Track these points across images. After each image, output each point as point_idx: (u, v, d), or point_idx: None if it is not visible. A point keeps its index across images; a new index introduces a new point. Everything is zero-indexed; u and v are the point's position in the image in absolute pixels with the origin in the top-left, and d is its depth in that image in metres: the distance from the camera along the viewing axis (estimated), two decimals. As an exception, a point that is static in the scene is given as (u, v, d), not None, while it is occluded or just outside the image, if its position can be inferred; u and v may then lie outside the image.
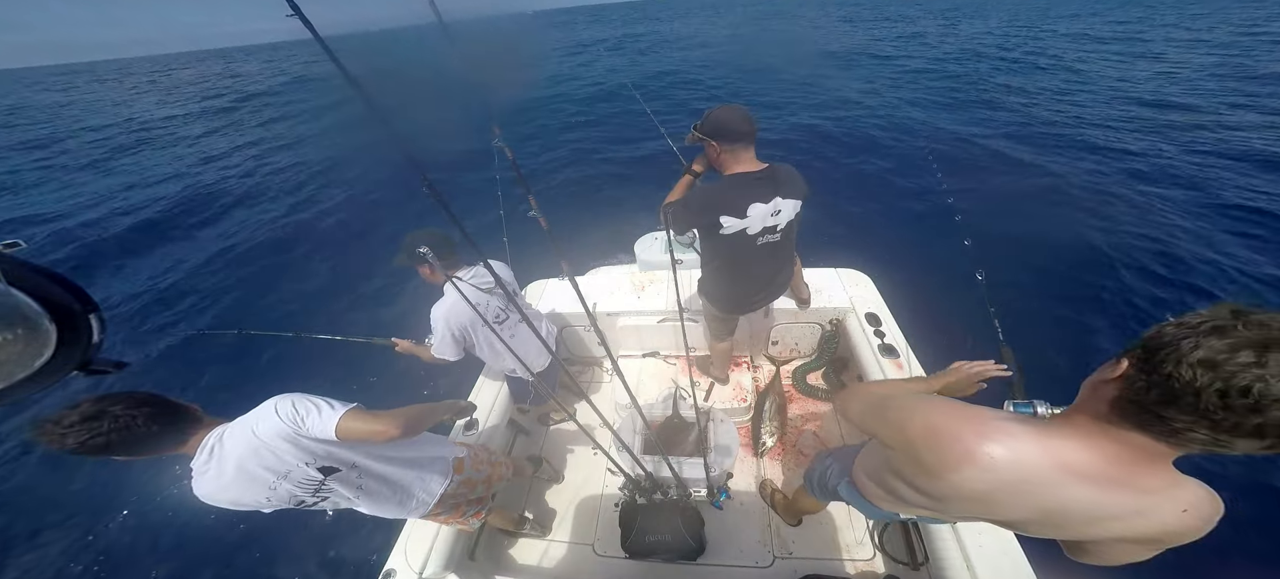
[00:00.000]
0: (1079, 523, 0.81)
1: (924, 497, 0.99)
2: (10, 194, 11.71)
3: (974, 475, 0.83)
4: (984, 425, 0.84)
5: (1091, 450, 0.76)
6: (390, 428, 1.32)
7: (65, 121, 22.85)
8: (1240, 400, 0.57)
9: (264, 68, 45.89)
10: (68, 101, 32.72)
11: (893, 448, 1.01)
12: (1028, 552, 1.60)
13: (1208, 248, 5.09)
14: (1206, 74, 12.08)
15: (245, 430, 1.21)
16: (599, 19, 59.05)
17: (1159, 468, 0.74)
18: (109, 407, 1.03)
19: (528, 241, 1.96)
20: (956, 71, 14.94)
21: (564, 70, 21.15)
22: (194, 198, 9.84)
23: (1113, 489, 0.76)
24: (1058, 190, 6.59)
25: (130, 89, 37.70)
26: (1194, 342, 0.60)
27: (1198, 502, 0.75)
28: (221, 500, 1.23)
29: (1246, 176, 6.46)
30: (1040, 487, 0.79)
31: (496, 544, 2.28)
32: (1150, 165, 7.14)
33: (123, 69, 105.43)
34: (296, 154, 12.49)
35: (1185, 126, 8.55)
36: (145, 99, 28.56)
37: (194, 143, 15.23)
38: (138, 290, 6.59)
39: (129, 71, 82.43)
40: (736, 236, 1.77)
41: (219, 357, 5.29)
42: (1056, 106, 10.56)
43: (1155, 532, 0.77)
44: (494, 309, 1.99)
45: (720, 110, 1.68)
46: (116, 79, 58.08)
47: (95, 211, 9.59)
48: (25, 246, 0.46)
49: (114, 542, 3.61)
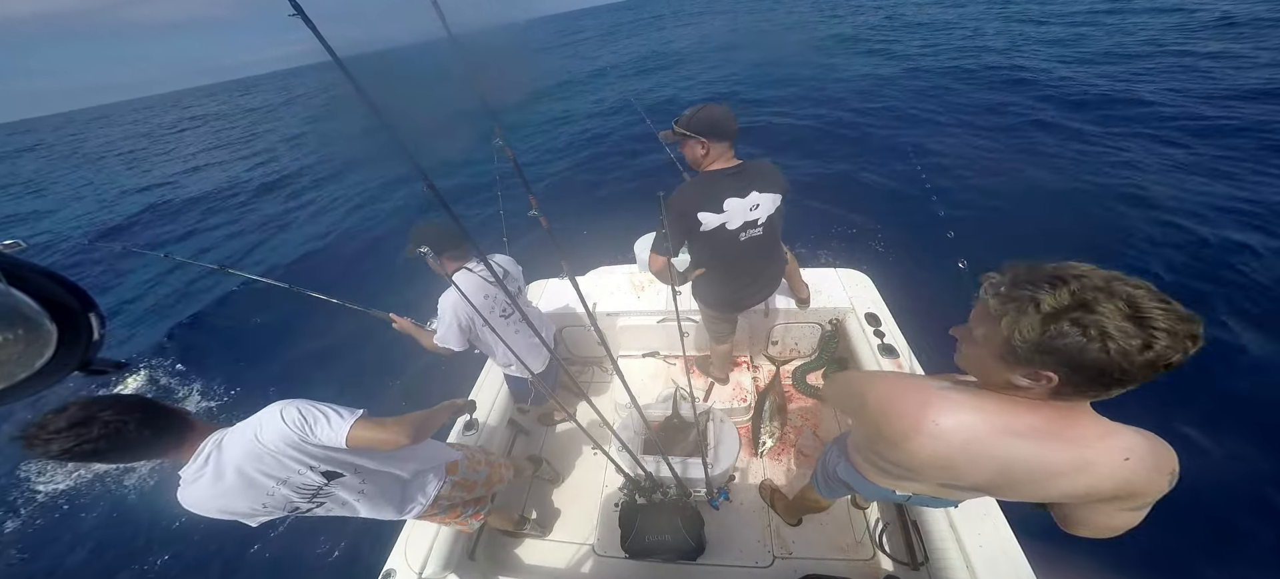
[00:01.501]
0: (1029, 481, 0.87)
1: (897, 467, 1.04)
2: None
3: (924, 443, 0.89)
4: (928, 394, 0.91)
5: (1031, 412, 0.82)
6: (399, 436, 1.32)
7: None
8: (1162, 361, 0.66)
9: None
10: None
11: (863, 424, 1.08)
12: (1028, 551, 1.60)
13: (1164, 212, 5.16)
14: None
15: (246, 436, 1.19)
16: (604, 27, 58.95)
17: (1084, 417, 0.81)
18: (98, 412, 0.99)
19: (528, 241, 1.97)
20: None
21: (567, 75, 21.13)
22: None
23: (1050, 443, 0.82)
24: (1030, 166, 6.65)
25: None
26: (1101, 343, 0.67)
27: (1136, 448, 0.80)
28: (210, 509, 1.19)
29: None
30: (988, 448, 0.85)
31: (496, 544, 2.28)
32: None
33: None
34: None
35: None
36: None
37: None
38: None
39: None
40: (717, 233, 1.77)
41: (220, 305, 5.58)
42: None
43: (1111, 486, 0.81)
44: (500, 303, 1.98)
45: (711, 108, 1.68)
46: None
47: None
48: (25, 246, 0.46)
49: (113, 540, 3.62)
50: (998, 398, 0.85)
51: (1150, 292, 0.68)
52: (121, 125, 37.32)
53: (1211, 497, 2.67)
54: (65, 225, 12.55)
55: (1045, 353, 0.72)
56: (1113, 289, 0.68)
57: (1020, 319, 0.73)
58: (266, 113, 28.35)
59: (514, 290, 2.00)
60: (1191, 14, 12.56)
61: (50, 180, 21.23)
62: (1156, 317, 0.66)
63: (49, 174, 23.02)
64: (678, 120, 1.73)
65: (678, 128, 1.73)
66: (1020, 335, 0.73)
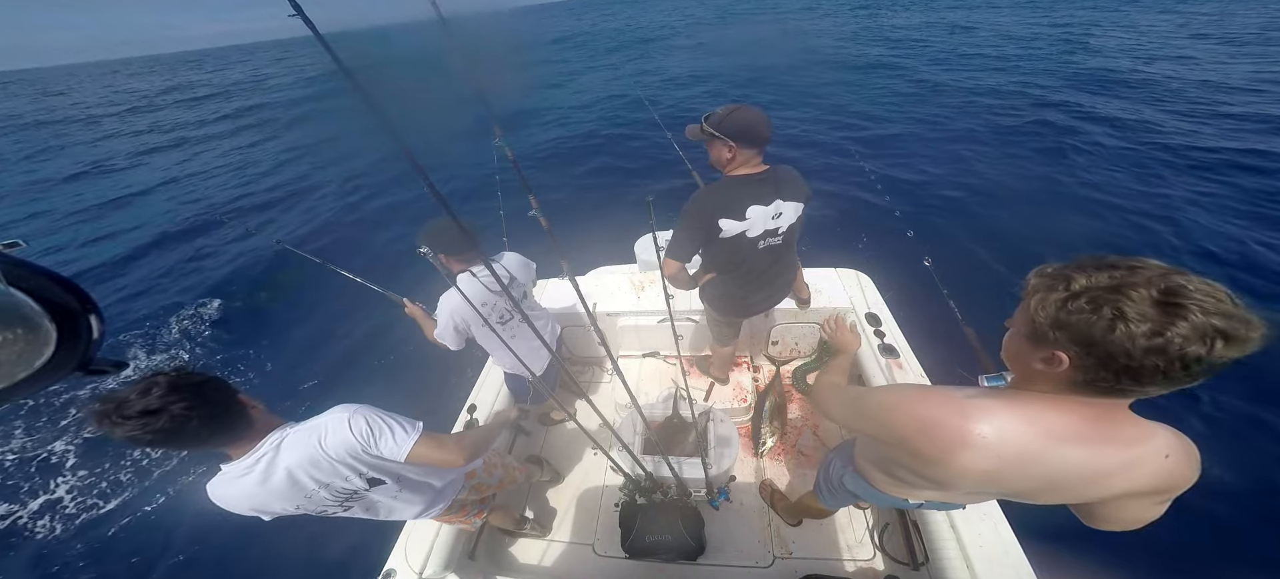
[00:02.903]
0: (1081, 484, 0.83)
1: (930, 483, 1.00)
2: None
3: (972, 457, 0.83)
4: (964, 406, 0.85)
5: (1067, 414, 0.78)
6: (457, 457, 1.32)
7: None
8: (1196, 364, 0.61)
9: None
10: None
11: (886, 444, 1.02)
12: (1027, 551, 1.60)
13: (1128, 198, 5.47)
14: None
15: (310, 440, 1.17)
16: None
17: (1126, 418, 0.78)
18: (170, 403, 0.97)
19: (528, 241, 1.96)
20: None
21: (567, 70, 21.16)
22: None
23: (1101, 446, 0.78)
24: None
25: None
26: (1109, 322, 0.64)
27: (1173, 446, 0.80)
28: (243, 507, 1.17)
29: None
30: (1037, 456, 0.81)
31: (496, 544, 2.28)
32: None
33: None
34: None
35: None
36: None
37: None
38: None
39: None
40: (737, 240, 1.71)
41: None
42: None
43: (1151, 483, 0.80)
44: (500, 309, 1.98)
45: (744, 112, 1.58)
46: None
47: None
48: (25, 246, 0.46)
49: (110, 537, 3.61)
50: (1035, 401, 0.81)
51: (1210, 288, 0.61)
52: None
53: (1213, 497, 2.68)
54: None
55: (1058, 328, 0.70)
56: (1161, 279, 0.62)
57: (1048, 296, 0.71)
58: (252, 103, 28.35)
59: (519, 296, 1.99)
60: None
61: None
62: (1190, 307, 0.58)
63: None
64: (708, 118, 1.63)
65: (707, 126, 1.63)
66: (1043, 310, 0.71)
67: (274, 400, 1.28)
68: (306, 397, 4.56)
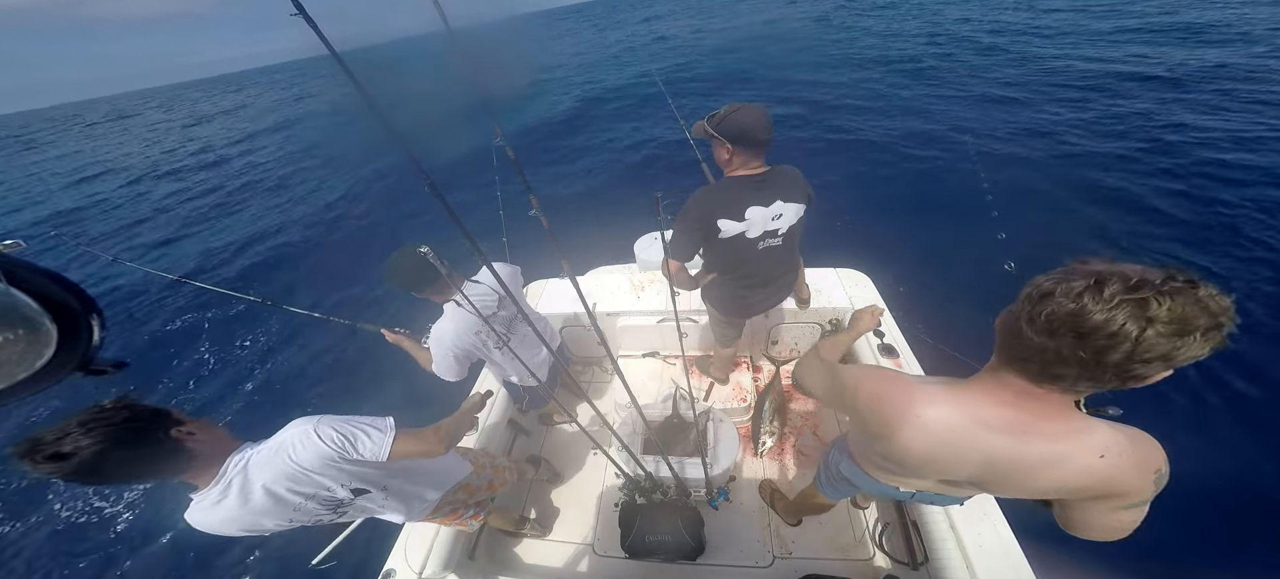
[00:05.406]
0: (1014, 473, 0.87)
1: (890, 462, 1.06)
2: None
3: (910, 434, 0.92)
4: (912, 390, 0.94)
5: (1002, 406, 0.83)
6: (437, 446, 1.31)
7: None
8: (1085, 324, 0.64)
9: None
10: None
11: (853, 417, 1.11)
12: (1027, 551, 1.60)
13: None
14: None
15: (279, 458, 1.15)
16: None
17: (1061, 414, 0.79)
18: (77, 443, 0.92)
19: (528, 241, 1.95)
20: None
21: (569, 68, 21.08)
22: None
23: (1024, 437, 0.82)
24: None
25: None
26: (1041, 298, 0.70)
27: (1114, 446, 0.78)
28: (234, 530, 1.15)
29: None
30: (966, 441, 0.87)
31: (496, 544, 2.28)
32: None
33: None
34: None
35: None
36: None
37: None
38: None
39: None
40: (736, 240, 1.72)
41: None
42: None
43: (1083, 481, 0.81)
44: (497, 328, 1.83)
45: (743, 112, 1.57)
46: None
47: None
48: (25, 246, 0.46)
49: (109, 541, 3.61)
50: (977, 392, 0.87)
51: (1182, 279, 0.60)
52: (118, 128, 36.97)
53: (1211, 496, 2.67)
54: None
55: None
56: (1141, 276, 0.62)
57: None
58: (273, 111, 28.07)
59: (511, 313, 1.86)
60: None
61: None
62: (1146, 297, 0.59)
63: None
64: (710, 118, 1.63)
65: (708, 126, 1.63)
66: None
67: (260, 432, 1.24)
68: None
